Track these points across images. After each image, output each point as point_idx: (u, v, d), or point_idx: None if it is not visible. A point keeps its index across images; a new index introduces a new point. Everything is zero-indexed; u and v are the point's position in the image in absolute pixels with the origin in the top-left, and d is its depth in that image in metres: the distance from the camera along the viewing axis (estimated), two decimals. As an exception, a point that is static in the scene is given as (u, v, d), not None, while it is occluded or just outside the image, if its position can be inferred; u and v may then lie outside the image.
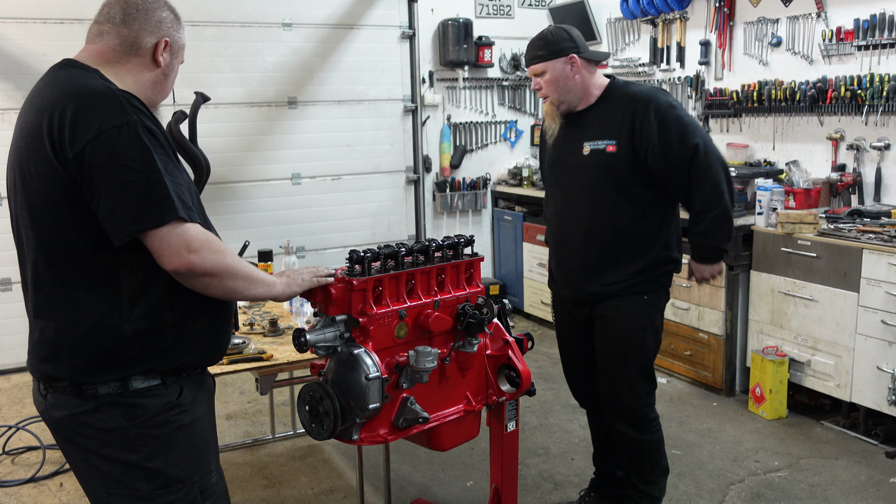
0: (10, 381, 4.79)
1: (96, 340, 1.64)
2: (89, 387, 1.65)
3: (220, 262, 1.62)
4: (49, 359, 1.68)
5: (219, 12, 5.24)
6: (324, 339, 2.04)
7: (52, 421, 1.72)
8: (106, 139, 1.54)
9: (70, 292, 1.65)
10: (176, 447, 1.71)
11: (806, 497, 3.29)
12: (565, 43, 2.70)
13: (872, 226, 3.76)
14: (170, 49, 1.79)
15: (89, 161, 1.54)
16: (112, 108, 1.57)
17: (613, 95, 2.74)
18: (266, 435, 3.96)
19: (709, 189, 2.67)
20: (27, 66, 4.77)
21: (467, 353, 2.27)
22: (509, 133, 6.44)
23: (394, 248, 2.15)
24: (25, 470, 3.59)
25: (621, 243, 2.74)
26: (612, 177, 2.70)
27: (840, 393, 3.82)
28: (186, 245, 1.57)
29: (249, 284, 1.70)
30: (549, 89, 2.72)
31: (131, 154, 1.55)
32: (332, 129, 5.72)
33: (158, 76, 1.79)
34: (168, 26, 1.78)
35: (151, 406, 1.68)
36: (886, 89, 3.98)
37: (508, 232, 6.17)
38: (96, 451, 1.68)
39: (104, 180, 1.54)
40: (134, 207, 1.54)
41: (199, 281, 1.62)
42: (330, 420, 2.02)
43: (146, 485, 1.68)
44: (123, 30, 1.74)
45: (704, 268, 2.84)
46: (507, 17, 6.28)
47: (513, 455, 2.59)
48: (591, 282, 2.80)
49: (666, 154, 2.64)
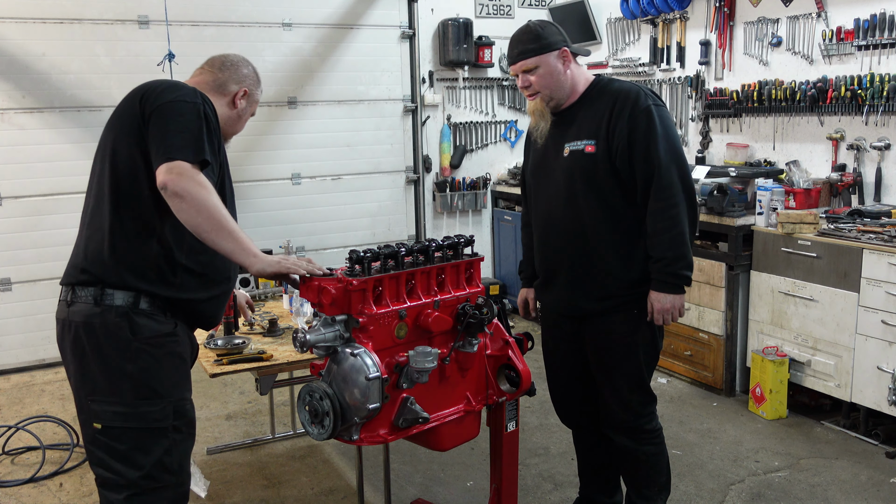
0: (10, 381, 4.78)
1: (126, 250, 2.02)
2: (108, 292, 2.01)
3: (192, 191, 1.91)
4: (87, 259, 2.05)
5: (219, 12, 5.24)
6: (324, 339, 2.04)
7: (69, 325, 2.05)
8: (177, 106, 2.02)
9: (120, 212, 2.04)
10: (165, 368, 2.05)
11: (806, 497, 3.28)
12: (556, 36, 2.57)
13: (873, 226, 3.76)
14: (247, 98, 2.33)
15: (159, 112, 2.00)
16: (188, 93, 2.07)
17: (597, 92, 2.59)
18: (266, 435, 3.96)
19: (664, 207, 2.46)
20: (27, 66, 4.77)
21: (467, 353, 2.27)
22: (509, 133, 6.44)
23: (394, 248, 2.15)
24: (25, 470, 3.59)
25: (606, 255, 2.57)
26: (591, 180, 2.53)
27: (840, 393, 3.82)
28: (178, 169, 1.91)
29: (219, 231, 1.94)
30: (542, 85, 2.56)
31: (190, 117, 2.02)
32: (332, 129, 5.73)
33: (234, 115, 2.32)
34: (250, 81, 2.35)
35: (153, 328, 2.03)
36: (887, 89, 3.98)
37: (508, 232, 6.17)
38: (98, 353, 2.00)
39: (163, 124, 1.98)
40: (175, 145, 1.96)
41: (171, 201, 1.92)
42: (330, 420, 2.01)
43: (131, 393, 2.00)
44: (218, 73, 2.30)
45: (664, 297, 2.52)
46: (507, 17, 6.28)
47: (513, 455, 2.59)
48: (578, 296, 2.65)
49: (631, 158, 2.48)
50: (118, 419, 2.00)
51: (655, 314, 2.55)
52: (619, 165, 2.50)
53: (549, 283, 2.75)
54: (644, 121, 2.46)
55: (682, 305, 2.56)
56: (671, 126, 2.54)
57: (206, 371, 2.65)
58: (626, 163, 2.49)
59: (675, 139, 2.52)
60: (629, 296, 2.59)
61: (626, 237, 2.57)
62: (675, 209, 2.46)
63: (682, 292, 2.54)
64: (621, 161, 2.49)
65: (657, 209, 2.47)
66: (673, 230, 2.46)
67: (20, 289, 4.92)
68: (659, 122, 2.48)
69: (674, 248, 2.47)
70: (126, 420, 2.00)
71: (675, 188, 2.46)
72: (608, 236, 2.56)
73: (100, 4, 4.90)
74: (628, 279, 2.58)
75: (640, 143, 2.46)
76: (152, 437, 2.03)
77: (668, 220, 2.46)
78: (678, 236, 2.47)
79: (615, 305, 2.60)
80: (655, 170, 2.45)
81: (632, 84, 2.58)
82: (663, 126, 2.49)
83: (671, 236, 2.47)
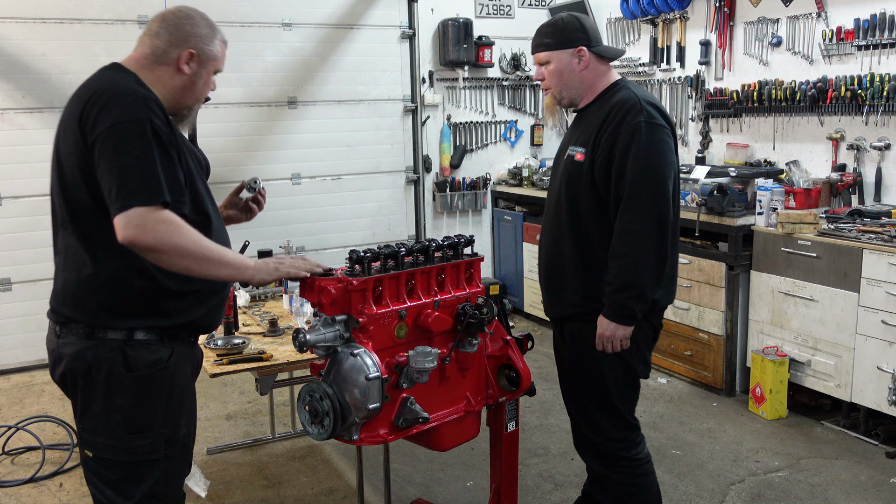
0: (10, 381, 4.78)
1: (109, 292, 1.91)
2: (100, 330, 1.91)
3: (164, 240, 1.79)
4: (69, 304, 1.94)
5: (219, 12, 5.22)
6: (323, 339, 2.04)
7: (60, 357, 1.96)
8: (119, 129, 1.81)
9: (90, 250, 1.91)
10: (159, 400, 1.97)
11: (806, 497, 3.28)
12: (576, 33, 2.44)
13: (873, 226, 3.76)
14: (197, 59, 2.01)
15: (102, 145, 1.80)
16: (129, 106, 1.84)
17: (606, 98, 2.46)
18: (266, 435, 3.96)
19: (625, 231, 2.32)
20: (27, 66, 4.77)
21: (467, 353, 2.27)
22: (509, 133, 6.43)
23: (394, 248, 2.15)
24: (25, 470, 3.59)
25: (567, 266, 2.49)
26: (573, 189, 2.45)
27: (840, 393, 3.82)
28: (136, 221, 1.77)
29: (207, 265, 1.86)
30: (551, 81, 2.49)
31: (133, 144, 1.81)
32: (332, 129, 5.72)
33: (186, 82, 2.02)
34: (196, 39, 2.01)
35: (148, 359, 1.93)
36: (887, 89, 3.98)
37: (508, 232, 6.17)
38: (90, 387, 1.93)
39: (110, 162, 1.80)
40: (127, 187, 1.78)
41: (149, 256, 1.82)
42: (330, 420, 2.02)
43: (122, 427, 1.93)
44: (156, 41, 2.00)
45: (606, 323, 2.37)
46: (507, 16, 6.28)
47: (513, 455, 2.59)
48: (549, 298, 2.63)
49: (607, 174, 2.36)
50: (108, 451, 1.95)
51: (597, 340, 2.41)
52: (597, 179, 2.39)
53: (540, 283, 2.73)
54: (628, 137, 2.32)
55: (625, 337, 2.38)
56: (660, 148, 2.34)
57: (206, 371, 2.65)
58: (603, 178, 2.38)
59: (660, 163, 2.33)
60: (589, 306, 2.45)
61: (586, 252, 2.45)
62: (637, 235, 2.31)
63: (627, 323, 2.36)
64: (599, 174, 2.38)
65: (619, 231, 2.34)
66: (628, 257, 2.32)
67: (20, 289, 4.92)
68: (644, 141, 2.31)
69: (625, 275, 2.32)
70: (117, 453, 1.95)
71: (643, 214, 2.30)
72: (571, 248, 2.47)
73: (100, 4, 4.90)
74: (583, 293, 2.47)
75: (618, 159, 2.33)
76: (144, 468, 1.98)
77: (627, 246, 2.32)
78: (632, 265, 2.31)
79: (577, 313, 2.50)
80: (626, 190, 2.31)
81: (634, 96, 2.39)
82: (649, 146, 2.31)
83: (625, 263, 2.32)
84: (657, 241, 2.33)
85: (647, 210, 2.30)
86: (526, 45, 6.32)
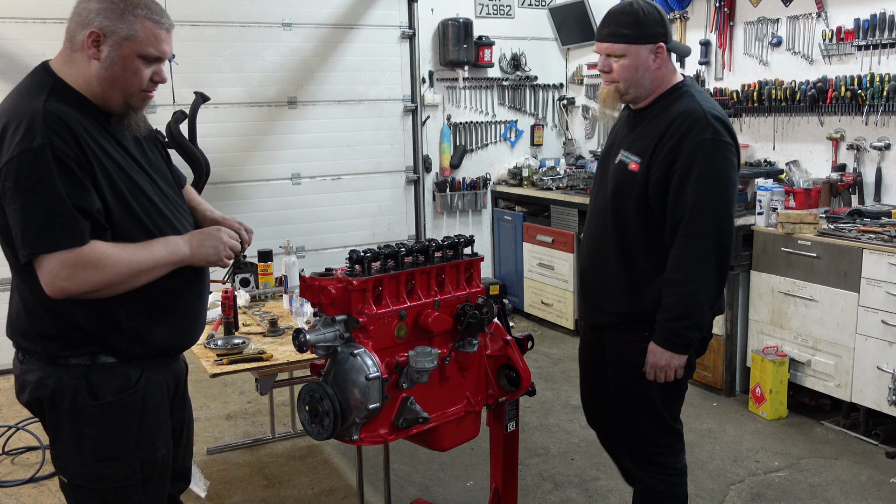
0: (10, 381, 4.78)
1: (57, 325, 1.78)
2: (62, 358, 1.79)
3: (95, 281, 1.68)
4: (22, 335, 1.84)
5: (219, 12, 5.24)
6: (323, 339, 2.03)
7: (23, 384, 1.86)
8: (16, 163, 1.63)
9: (29, 286, 1.77)
10: (129, 426, 1.84)
11: (806, 497, 3.28)
12: (657, 28, 2.24)
13: (872, 226, 3.76)
14: (107, 41, 1.73)
15: (3, 183, 1.65)
16: (27, 132, 1.64)
17: (669, 101, 2.27)
18: (266, 435, 3.96)
19: (684, 258, 2.19)
20: (27, 66, 4.69)
21: (467, 353, 2.26)
22: (509, 133, 6.43)
23: (394, 248, 2.15)
24: (25, 470, 3.59)
25: (623, 276, 2.34)
26: (622, 200, 2.30)
27: (840, 393, 3.82)
28: (59, 275, 1.65)
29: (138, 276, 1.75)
30: (622, 75, 2.26)
31: (33, 179, 1.63)
32: (332, 129, 5.73)
33: (100, 70, 1.75)
34: (101, 18, 1.72)
35: (115, 385, 1.81)
36: (887, 89, 3.98)
37: (508, 232, 6.17)
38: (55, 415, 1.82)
39: (11, 202, 1.66)
40: (30, 232, 1.65)
41: (88, 297, 1.71)
42: (330, 420, 2.01)
43: (92, 456, 1.81)
44: (69, 25, 1.78)
45: (660, 352, 2.25)
46: (507, 17, 6.28)
47: (513, 455, 2.59)
48: (590, 307, 2.51)
49: (664, 193, 2.21)
50: (81, 479, 1.84)
51: (647, 367, 2.29)
52: (651, 195, 2.23)
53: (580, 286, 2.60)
54: (690, 155, 2.15)
55: (680, 366, 2.26)
56: (725, 168, 2.18)
57: (206, 371, 2.65)
58: (658, 197, 2.22)
59: (724, 185, 2.18)
60: (634, 319, 2.35)
61: (631, 265, 2.33)
62: (696, 263, 2.17)
63: (682, 352, 2.24)
64: (653, 192, 2.22)
65: (677, 257, 2.20)
66: (686, 285, 2.18)
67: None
68: (708, 161, 2.14)
69: (683, 305, 2.20)
70: (90, 481, 1.83)
71: (704, 240, 2.17)
72: (615, 258, 2.35)
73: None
74: (625, 307, 2.36)
75: (678, 178, 2.17)
76: (120, 494, 1.86)
77: (685, 273, 2.19)
78: (691, 294, 2.18)
79: (621, 323, 2.39)
80: (686, 214, 2.16)
81: (699, 108, 2.21)
82: (713, 166, 2.15)
83: (682, 292, 2.19)
84: (717, 268, 2.20)
85: (708, 236, 2.17)
86: (526, 45, 6.33)
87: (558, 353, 5.23)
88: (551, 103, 6.56)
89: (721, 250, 2.19)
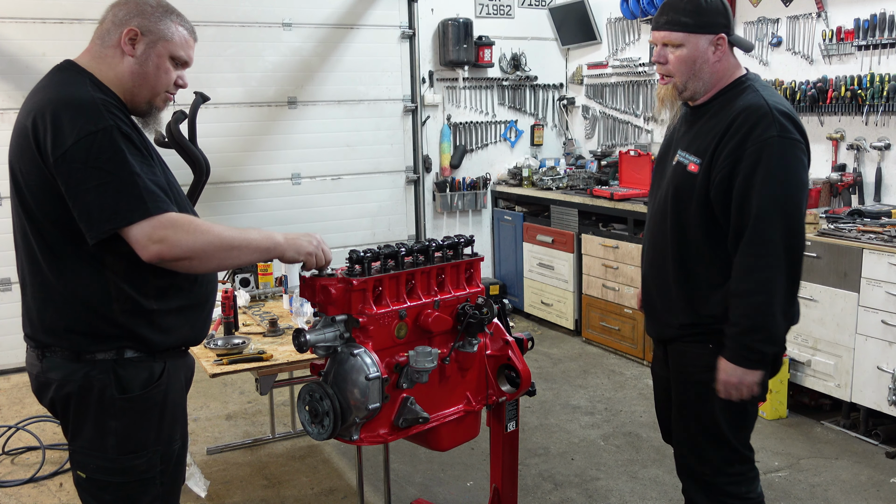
0: (10, 381, 4.78)
1: (89, 320, 1.79)
2: (88, 353, 1.80)
3: (190, 245, 1.70)
4: (45, 332, 1.83)
5: (219, 12, 5.24)
6: (324, 339, 2.03)
7: (45, 382, 1.85)
8: (83, 145, 1.66)
9: (63, 278, 1.78)
10: (153, 419, 1.87)
11: (806, 497, 3.28)
12: (719, 17, 2.10)
13: (873, 226, 3.76)
14: (143, 40, 1.82)
15: (69, 166, 1.66)
16: (90, 116, 1.68)
17: (731, 96, 2.13)
18: (266, 435, 3.96)
19: (753, 267, 2.02)
20: (27, 66, 4.77)
21: (467, 353, 2.26)
22: (509, 133, 6.44)
23: (394, 248, 2.15)
24: (25, 470, 3.59)
25: (684, 285, 2.19)
26: (682, 203, 2.15)
27: (840, 393, 3.82)
28: (152, 237, 1.67)
29: (231, 252, 1.78)
30: (678, 68, 2.12)
31: (105, 157, 1.66)
32: (332, 129, 5.73)
33: (134, 67, 1.83)
34: (139, 19, 1.82)
35: (141, 378, 1.84)
36: (887, 89, 3.98)
37: (508, 232, 6.17)
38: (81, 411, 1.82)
39: (81, 183, 1.66)
40: (108, 207, 1.66)
41: (180, 265, 1.73)
42: (330, 420, 2.01)
43: (115, 449, 1.84)
44: (102, 26, 1.85)
45: (731, 369, 2.07)
46: (507, 17, 6.28)
47: (513, 455, 2.59)
48: (653, 318, 2.35)
49: (728, 196, 2.05)
50: (102, 473, 1.86)
51: (719, 385, 2.11)
52: (713, 199, 2.08)
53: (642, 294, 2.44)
54: (756, 154, 2.00)
55: (753, 383, 2.07)
56: (794, 168, 2.02)
57: (206, 371, 2.65)
58: (720, 200, 2.07)
59: (794, 186, 2.02)
60: (697, 331, 2.20)
61: (692, 273, 2.18)
62: (767, 272, 2.01)
63: (755, 368, 2.06)
64: (715, 195, 2.07)
65: (745, 266, 2.04)
66: (757, 296, 2.02)
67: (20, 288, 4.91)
68: (777, 160, 1.98)
69: (753, 316, 2.03)
70: (111, 474, 1.86)
71: (774, 246, 2.00)
72: (675, 266, 2.20)
73: (100, 4, 4.82)
74: (687, 318, 2.20)
75: (742, 180, 2.01)
76: (139, 487, 1.89)
77: (755, 283, 2.02)
78: (763, 305, 2.02)
79: (683, 335, 2.23)
80: (752, 219, 2.00)
81: (764, 103, 2.04)
82: (782, 166, 1.99)
83: (753, 303, 2.03)
84: (789, 277, 2.03)
85: (778, 243, 2.00)
86: (526, 45, 6.33)
87: (558, 353, 5.23)
88: (551, 103, 6.56)
89: (792, 256, 2.03)
